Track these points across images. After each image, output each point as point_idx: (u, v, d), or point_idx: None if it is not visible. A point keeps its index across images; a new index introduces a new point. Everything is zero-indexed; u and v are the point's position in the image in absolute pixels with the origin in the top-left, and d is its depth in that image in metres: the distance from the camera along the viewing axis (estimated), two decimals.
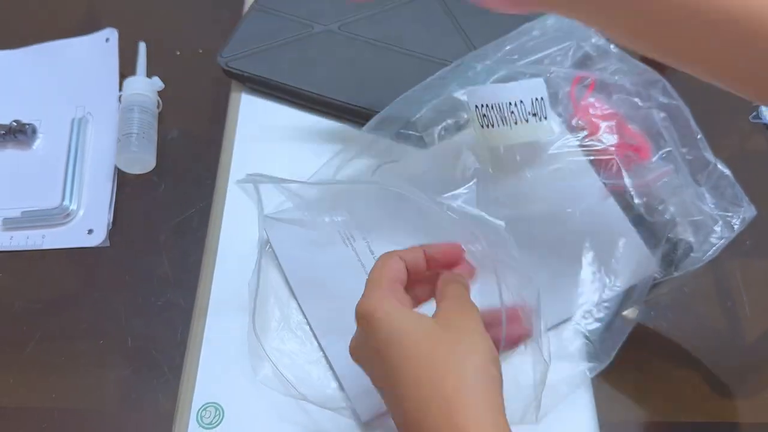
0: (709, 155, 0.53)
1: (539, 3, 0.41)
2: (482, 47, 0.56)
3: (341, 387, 0.49)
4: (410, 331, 0.37)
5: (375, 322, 0.38)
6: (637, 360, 0.52)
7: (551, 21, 0.55)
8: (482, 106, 0.51)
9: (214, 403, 0.49)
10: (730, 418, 0.51)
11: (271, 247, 0.54)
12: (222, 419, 0.48)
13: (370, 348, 0.39)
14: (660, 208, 0.54)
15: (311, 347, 0.51)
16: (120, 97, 0.63)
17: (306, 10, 0.68)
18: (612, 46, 0.54)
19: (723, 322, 0.55)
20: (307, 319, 0.52)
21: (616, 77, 0.53)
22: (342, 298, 0.48)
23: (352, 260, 0.53)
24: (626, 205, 0.54)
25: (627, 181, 0.53)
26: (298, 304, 0.52)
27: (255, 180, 0.53)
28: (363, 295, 0.40)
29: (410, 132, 0.56)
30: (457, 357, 0.36)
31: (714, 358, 0.54)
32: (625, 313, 0.51)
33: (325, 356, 0.50)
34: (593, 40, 0.54)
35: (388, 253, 0.43)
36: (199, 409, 0.48)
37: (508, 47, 0.55)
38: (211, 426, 0.48)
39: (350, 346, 0.42)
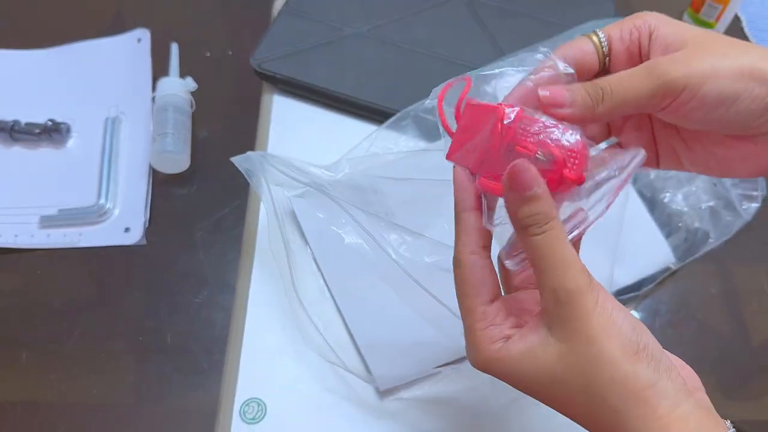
0: None
1: None
2: (514, 52, 0.57)
3: (363, 359, 0.50)
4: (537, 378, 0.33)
5: (498, 377, 0.34)
6: None
7: (589, 26, 0.56)
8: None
9: (257, 398, 0.49)
10: (740, 417, 0.52)
11: (297, 220, 0.56)
12: (265, 414, 0.49)
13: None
14: (666, 198, 0.56)
15: (340, 320, 0.53)
16: (154, 97, 0.63)
17: (335, 13, 0.69)
18: None
19: (729, 325, 0.57)
20: (332, 293, 0.53)
21: None
22: (365, 276, 0.52)
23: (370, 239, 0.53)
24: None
25: None
26: (324, 278, 0.54)
27: (253, 160, 0.54)
28: (466, 346, 0.36)
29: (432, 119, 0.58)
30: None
31: (721, 360, 0.55)
32: None
33: (348, 330, 0.52)
34: None
35: (463, 266, 0.35)
36: (241, 405, 0.49)
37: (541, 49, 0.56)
38: (254, 421, 0.48)
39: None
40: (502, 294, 0.36)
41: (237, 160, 0.54)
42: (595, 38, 0.37)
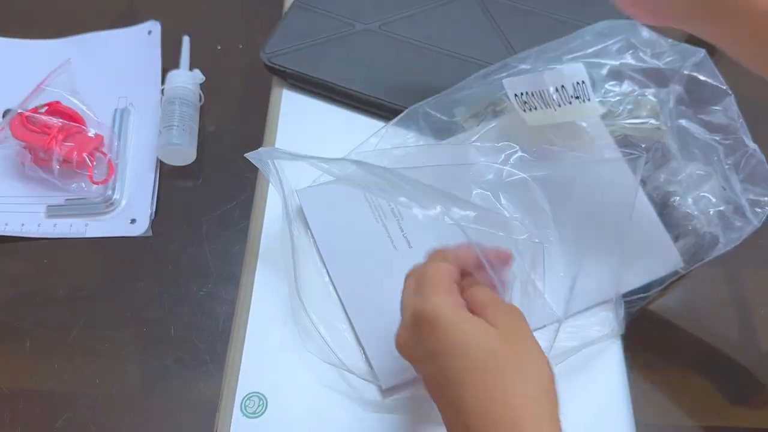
0: (748, 140, 0.53)
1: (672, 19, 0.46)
2: (526, 50, 0.57)
3: (366, 356, 0.50)
4: (477, 343, 0.37)
5: (440, 329, 0.37)
6: (652, 367, 0.53)
7: (601, 26, 0.55)
8: (522, 93, 0.52)
9: (258, 392, 0.49)
10: (748, 424, 0.52)
11: (304, 217, 0.56)
12: (266, 409, 0.49)
13: (427, 350, 0.38)
14: (675, 201, 0.55)
15: (344, 316, 0.53)
16: (163, 90, 0.63)
17: (347, 8, 0.68)
18: (663, 39, 0.55)
19: (737, 330, 0.56)
20: (336, 290, 0.53)
21: (655, 62, 0.54)
22: (370, 272, 0.52)
23: (381, 236, 0.54)
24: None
25: None
26: (329, 275, 0.54)
27: (271, 155, 0.54)
28: (421, 295, 0.39)
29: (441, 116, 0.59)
30: (523, 375, 0.36)
31: (729, 367, 0.54)
32: None
33: (352, 326, 0.51)
34: (644, 35, 0.55)
35: (441, 250, 0.42)
36: (243, 399, 0.49)
37: (552, 51, 0.56)
38: (255, 415, 0.48)
39: (398, 341, 0.42)
40: None
41: (252, 155, 0.54)
42: None
